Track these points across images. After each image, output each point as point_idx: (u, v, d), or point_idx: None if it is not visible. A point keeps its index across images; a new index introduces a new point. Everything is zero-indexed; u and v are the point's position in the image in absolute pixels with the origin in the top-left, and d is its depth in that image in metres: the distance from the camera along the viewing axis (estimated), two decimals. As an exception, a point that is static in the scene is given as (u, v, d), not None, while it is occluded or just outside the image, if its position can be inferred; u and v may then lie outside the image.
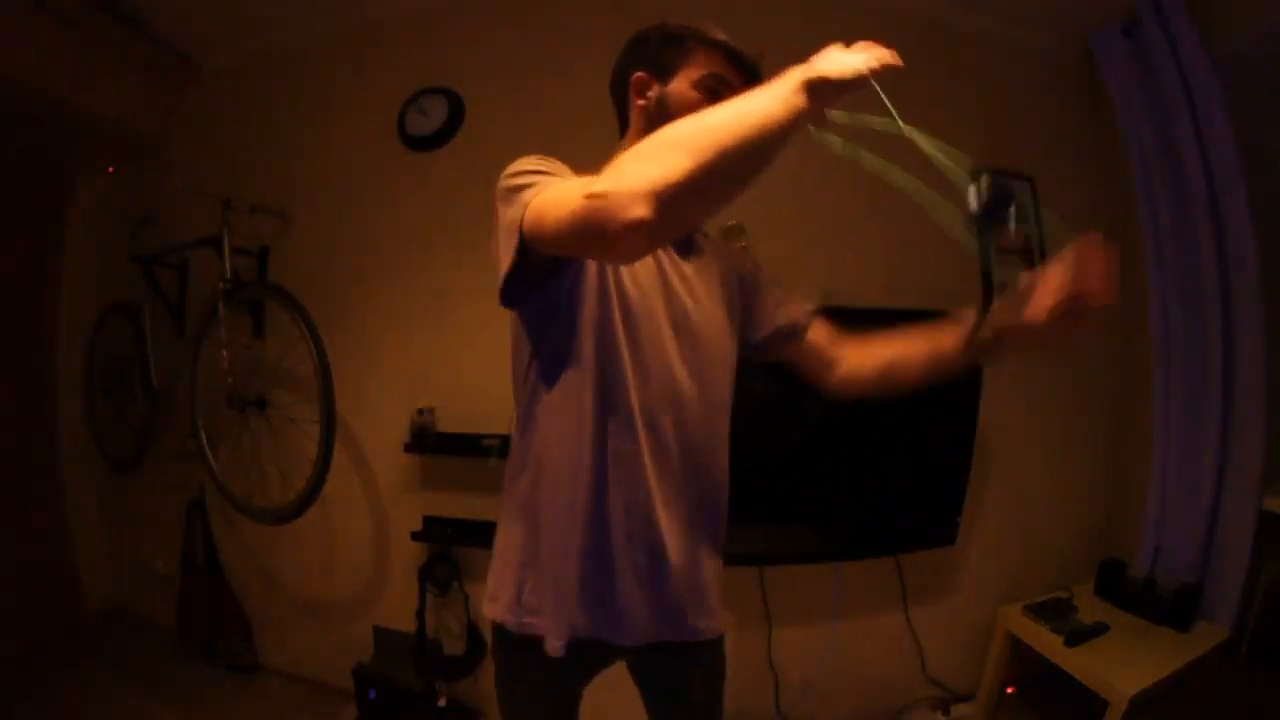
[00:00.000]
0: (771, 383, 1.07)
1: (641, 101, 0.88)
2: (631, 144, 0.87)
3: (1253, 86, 1.80)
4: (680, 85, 0.85)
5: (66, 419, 2.54)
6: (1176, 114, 1.82)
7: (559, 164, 0.76)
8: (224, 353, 1.95)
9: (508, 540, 0.90)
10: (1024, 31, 2.06)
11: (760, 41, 0.88)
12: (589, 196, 0.57)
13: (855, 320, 1.89)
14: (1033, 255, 2.07)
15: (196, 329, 2.11)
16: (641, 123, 0.88)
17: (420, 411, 1.92)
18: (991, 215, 0.70)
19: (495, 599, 0.89)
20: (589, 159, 0.97)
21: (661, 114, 0.85)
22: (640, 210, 0.55)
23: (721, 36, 0.86)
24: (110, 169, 2.54)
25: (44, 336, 2.51)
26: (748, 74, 0.85)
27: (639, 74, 0.88)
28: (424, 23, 2.09)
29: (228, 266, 1.98)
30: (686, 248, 0.94)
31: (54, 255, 2.51)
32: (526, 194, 0.69)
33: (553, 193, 0.66)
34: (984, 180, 0.70)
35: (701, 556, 0.90)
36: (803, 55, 0.66)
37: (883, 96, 0.67)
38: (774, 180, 2.22)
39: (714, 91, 0.84)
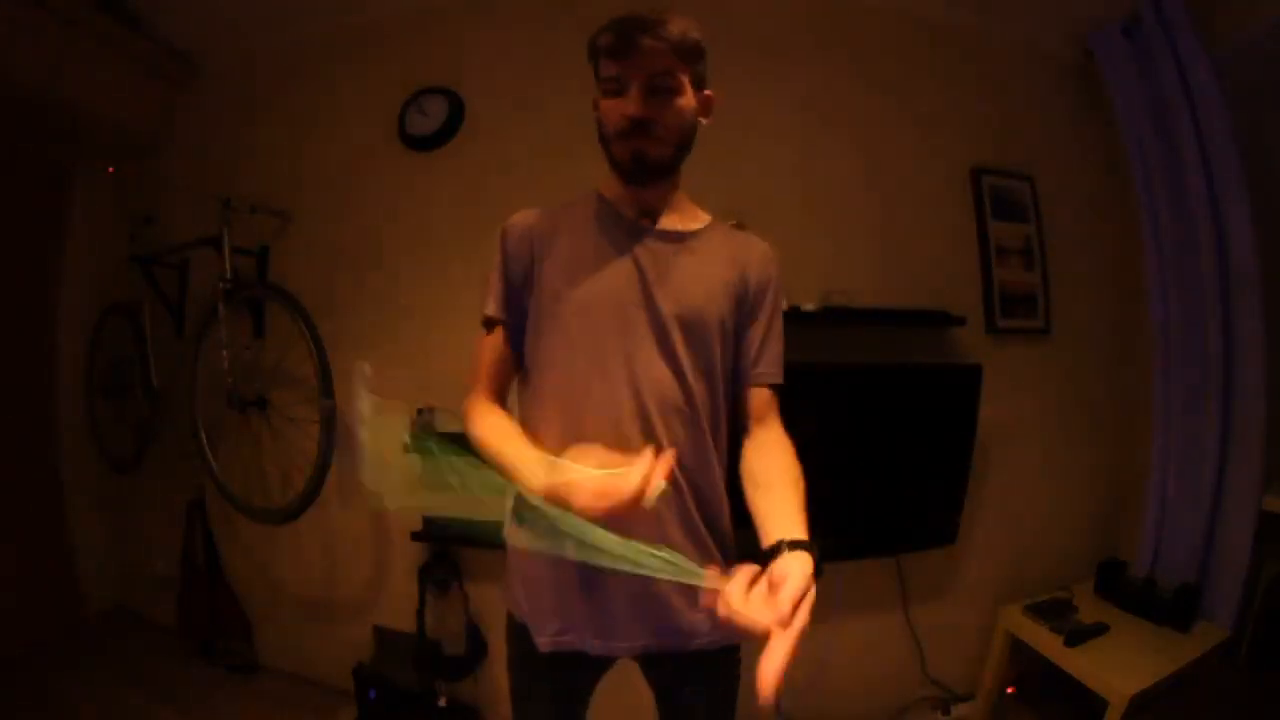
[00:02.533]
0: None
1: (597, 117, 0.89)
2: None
3: (1253, 86, 1.80)
4: (599, 97, 0.86)
5: (66, 419, 2.54)
6: (1176, 114, 1.82)
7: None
8: (224, 353, 1.95)
9: (511, 536, 0.92)
10: (1024, 31, 2.06)
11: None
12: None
13: (855, 319, 1.87)
14: (1032, 255, 2.07)
15: (196, 329, 2.11)
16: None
17: (420, 411, 1.92)
18: None
19: (506, 588, 0.94)
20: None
21: (602, 131, 0.88)
22: None
23: (603, 40, 0.82)
24: (110, 169, 2.54)
25: (44, 336, 2.51)
26: (634, 56, 0.80)
27: (595, 95, 0.88)
28: (424, 23, 2.09)
29: (228, 266, 1.98)
30: (679, 236, 0.92)
31: (54, 255, 2.51)
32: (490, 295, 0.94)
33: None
34: None
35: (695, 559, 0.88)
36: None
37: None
38: (774, 180, 2.20)
39: (615, 94, 0.83)
